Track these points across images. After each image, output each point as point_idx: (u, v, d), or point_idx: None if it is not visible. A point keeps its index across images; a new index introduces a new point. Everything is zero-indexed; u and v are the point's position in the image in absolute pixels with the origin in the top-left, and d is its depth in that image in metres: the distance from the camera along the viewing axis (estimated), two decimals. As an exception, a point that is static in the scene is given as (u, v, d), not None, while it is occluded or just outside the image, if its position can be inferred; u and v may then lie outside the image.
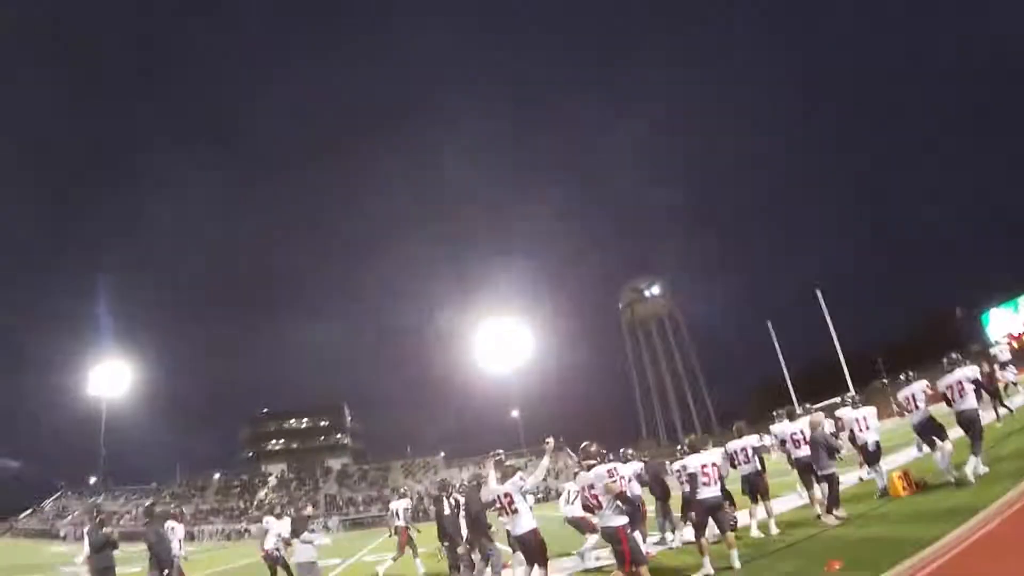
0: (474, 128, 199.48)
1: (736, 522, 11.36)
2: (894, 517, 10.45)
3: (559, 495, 14.87)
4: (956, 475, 11.58)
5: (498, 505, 9.41)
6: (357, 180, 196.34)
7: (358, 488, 74.16)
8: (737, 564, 9.48)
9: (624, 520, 8.34)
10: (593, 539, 12.15)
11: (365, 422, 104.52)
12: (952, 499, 10.18)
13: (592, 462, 8.80)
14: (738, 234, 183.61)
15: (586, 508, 8.93)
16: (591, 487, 8.48)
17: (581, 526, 12.50)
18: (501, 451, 10.14)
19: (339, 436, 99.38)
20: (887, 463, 14.18)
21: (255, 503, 68.02)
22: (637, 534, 9.42)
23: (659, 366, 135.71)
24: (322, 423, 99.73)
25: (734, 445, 12.68)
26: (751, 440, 12.83)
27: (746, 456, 12.44)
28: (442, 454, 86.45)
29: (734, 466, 12.50)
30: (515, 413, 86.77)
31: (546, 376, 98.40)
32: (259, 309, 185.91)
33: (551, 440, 10.01)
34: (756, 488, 12.29)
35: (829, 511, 11.67)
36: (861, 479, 15.25)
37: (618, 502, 8.36)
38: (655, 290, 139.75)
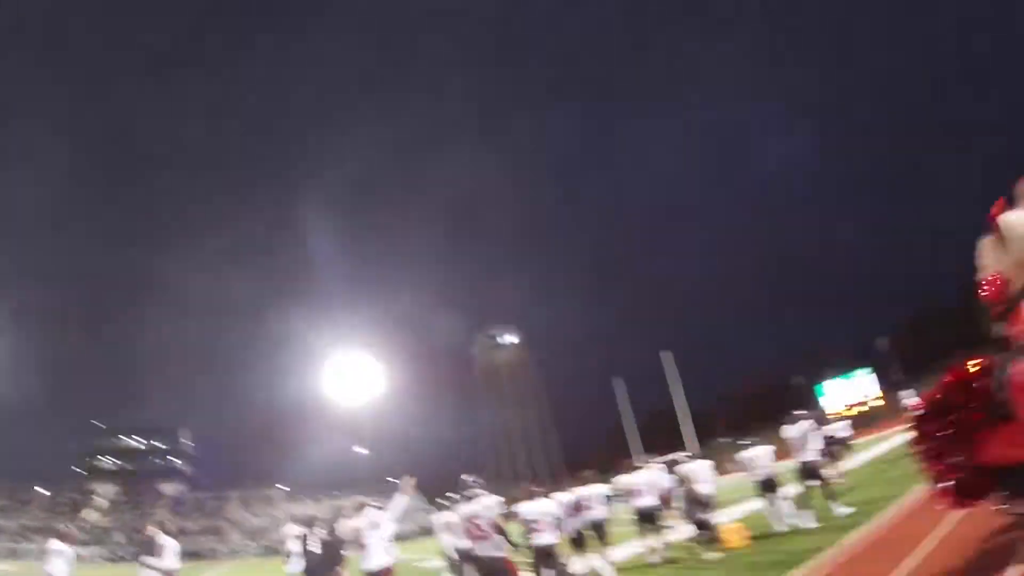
0: (340, 159, 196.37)
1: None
2: (730, 565, 10.94)
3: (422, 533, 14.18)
4: (790, 524, 12.39)
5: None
6: (224, 196, 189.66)
7: (191, 517, 70.69)
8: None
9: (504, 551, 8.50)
10: None
11: (203, 447, 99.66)
12: (788, 546, 10.78)
13: (478, 491, 8.89)
14: (597, 293, 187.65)
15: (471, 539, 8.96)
16: (475, 517, 8.56)
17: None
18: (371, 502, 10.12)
19: (174, 460, 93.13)
20: (727, 515, 14.91)
21: (85, 524, 63.61)
22: None
23: (508, 413, 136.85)
24: (157, 444, 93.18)
25: (582, 492, 13.08)
26: (599, 488, 13.28)
27: (592, 503, 12.87)
28: (283, 487, 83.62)
29: (579, 511, 12.89)
30: (361, 450, 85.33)
31: (395, 415, 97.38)
32: (101, 315, 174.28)
33: (411, 478, 10.07)
34: (601, 534, 12.69)
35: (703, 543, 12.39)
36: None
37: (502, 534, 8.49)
38: (509, 339, 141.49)
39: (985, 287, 2.17)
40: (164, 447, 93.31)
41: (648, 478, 13.43)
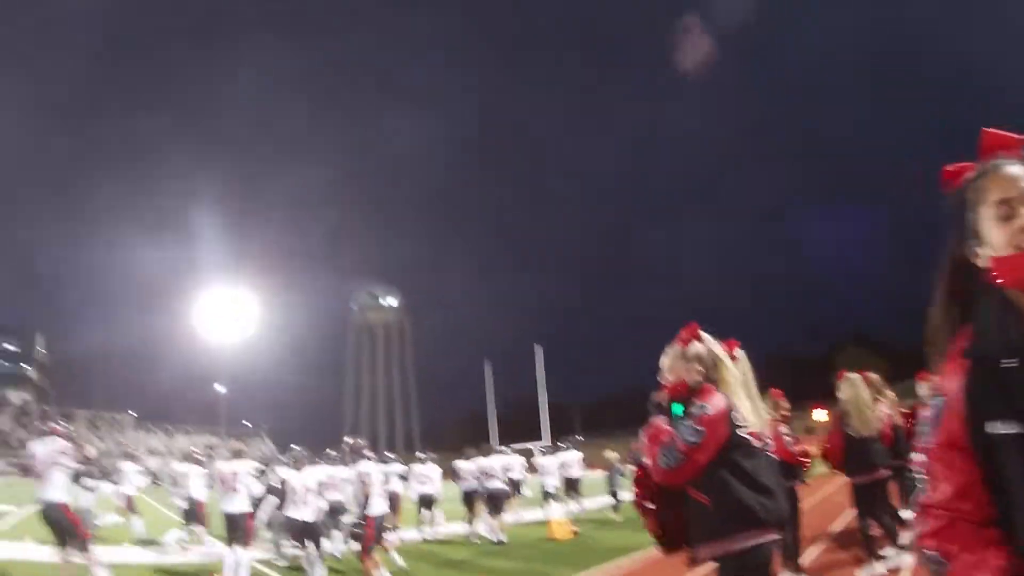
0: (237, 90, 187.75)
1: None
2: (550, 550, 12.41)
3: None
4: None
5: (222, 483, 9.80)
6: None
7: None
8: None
9: None
10: None
11: (57, 357, 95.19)
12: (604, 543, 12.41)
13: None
14: (488, 274, 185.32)
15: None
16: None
17: None
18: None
19: (25, 366, 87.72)
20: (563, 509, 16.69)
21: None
22: None
23: (376, 375, 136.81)
24: (8, 346, 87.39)
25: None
26: (469, 465, 14.91)
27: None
28: (132, 413, 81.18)
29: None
30: (221, 388, 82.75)
31: (262, 358, 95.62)
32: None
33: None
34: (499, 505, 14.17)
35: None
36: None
37: None
38: (391, 300, 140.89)
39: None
40: (16, 350, 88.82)
41: (503, 463, 15.16)
